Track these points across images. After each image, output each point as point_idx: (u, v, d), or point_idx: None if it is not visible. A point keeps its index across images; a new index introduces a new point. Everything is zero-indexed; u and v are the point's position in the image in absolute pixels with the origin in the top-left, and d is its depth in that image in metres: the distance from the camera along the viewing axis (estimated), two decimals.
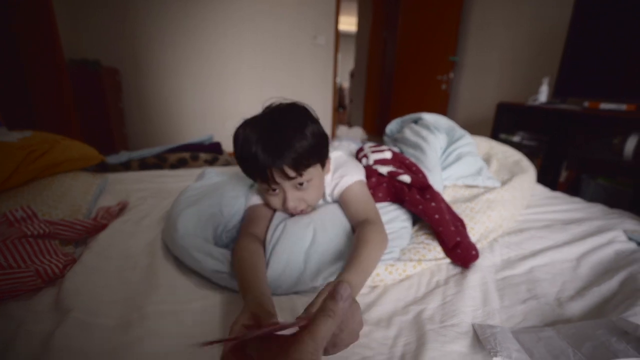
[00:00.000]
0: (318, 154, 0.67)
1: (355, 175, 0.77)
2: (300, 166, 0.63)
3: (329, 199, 0.79)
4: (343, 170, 0.78)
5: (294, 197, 0.67)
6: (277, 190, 0.67)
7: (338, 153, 0.84)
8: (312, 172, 0.67)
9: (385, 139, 1.32)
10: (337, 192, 0.76)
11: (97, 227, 0.78)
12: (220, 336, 0.50)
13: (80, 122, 1.98)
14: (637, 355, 0.42)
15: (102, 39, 2.63)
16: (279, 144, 0.61)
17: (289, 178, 0.63)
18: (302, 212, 0.71)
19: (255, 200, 0.77)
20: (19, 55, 1.64)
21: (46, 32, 1.71)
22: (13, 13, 1.58)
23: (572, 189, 1.98)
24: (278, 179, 0.64)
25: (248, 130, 0.63)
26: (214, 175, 1.00)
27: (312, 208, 0.74)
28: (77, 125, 1.94)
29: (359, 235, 0.62)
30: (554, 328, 0.52)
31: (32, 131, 1.05)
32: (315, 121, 0.67)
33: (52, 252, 0.64)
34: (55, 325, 0.50)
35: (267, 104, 0.68)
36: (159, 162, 1.50)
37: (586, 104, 1.90)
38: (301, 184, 0.66)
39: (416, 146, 1.06)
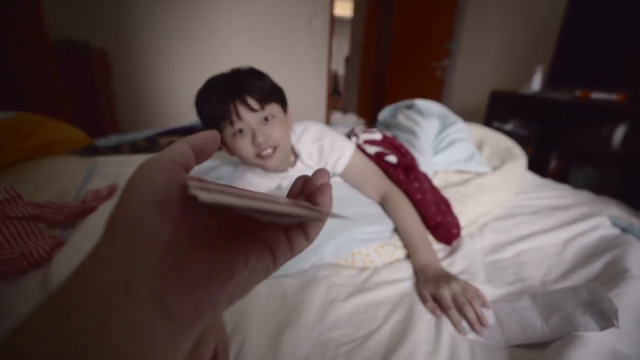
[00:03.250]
0: (277, 94, 0.73)
1: (347, 147, 0.80)
2: (262, 98, 0.67)
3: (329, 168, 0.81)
4: (330, 139, 0.80)
5: (261, 133, 0.69)
6: (245, 131, 0.69)
7: (320, 124, 0.86)
8: (274, 108, 0.71)
9: (378, 125, 1.31)
10: (340, 165, 0.80)
11: (85, 209, 0.76)
12: None
13: (69, 106, 1.91)
14: (596, 329, 0.43)
15: (89, 17, 2.52)
16: (240, 82, 0.67)
17: (253, 110, 0.67)
18: (272, 157, 0.72)
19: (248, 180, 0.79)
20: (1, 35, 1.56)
21: (29, 9, 1.63)
22: None
23: (560, 177, 2.01)
24: (242, 112, 0.67)
25: (211, 81, 0.70)
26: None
27: (282, 154, 0.74)
28: (67, 109, 1.87)
29: (399, 215, 0.72)
30: (532, 296, 0.54)
31: (15, 112, 1.01)
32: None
33: (37, 235, 0.63)
34: None
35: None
36: (151, 145, 1.47)
37: (578, 93, 1.91)
38: (266, 119, 0.69)
39: (409, 131, 1.05)
